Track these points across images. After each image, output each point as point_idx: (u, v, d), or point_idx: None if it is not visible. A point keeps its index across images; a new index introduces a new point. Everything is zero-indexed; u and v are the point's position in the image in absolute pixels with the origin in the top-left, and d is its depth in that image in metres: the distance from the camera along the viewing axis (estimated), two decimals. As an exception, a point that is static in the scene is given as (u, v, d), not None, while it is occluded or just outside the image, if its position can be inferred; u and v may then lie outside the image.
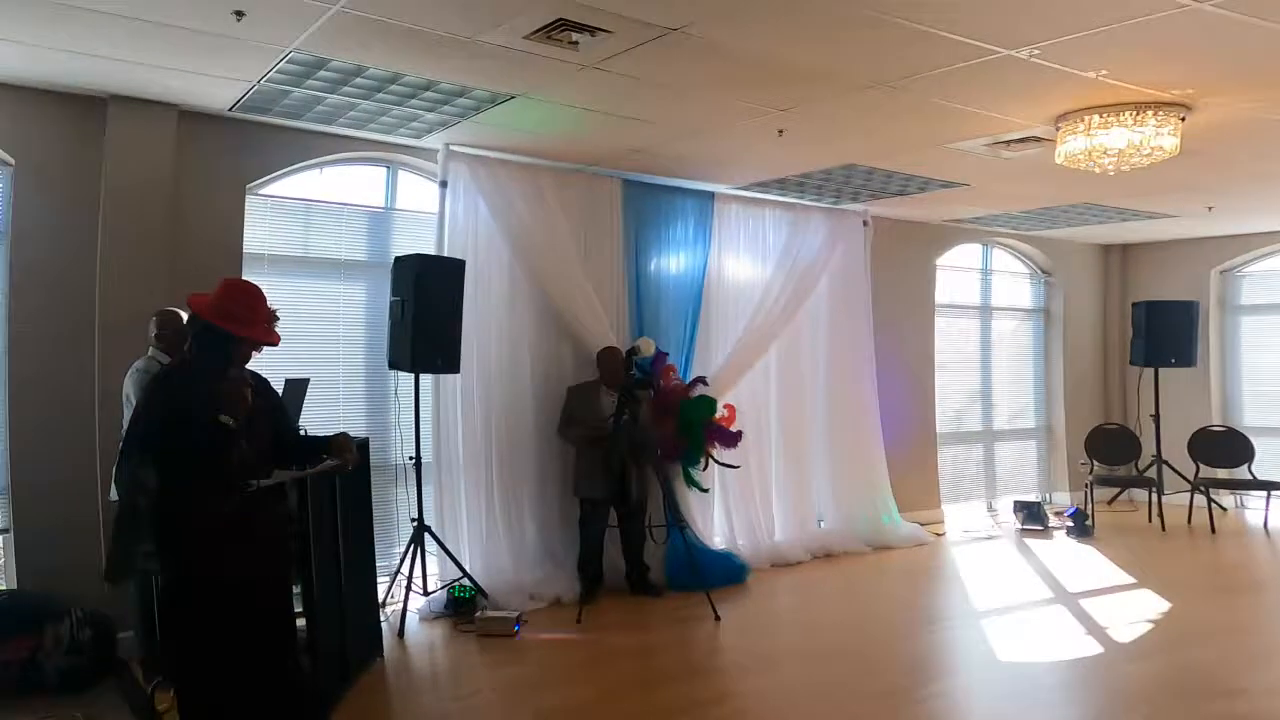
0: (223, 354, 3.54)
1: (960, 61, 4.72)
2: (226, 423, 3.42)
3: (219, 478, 3.42)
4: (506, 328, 6.72)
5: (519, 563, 6.59)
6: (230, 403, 3.45)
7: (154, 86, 5.22)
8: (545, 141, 6.39)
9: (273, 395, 3.83)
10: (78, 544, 4.92)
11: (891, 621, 6.36)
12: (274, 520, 3.66)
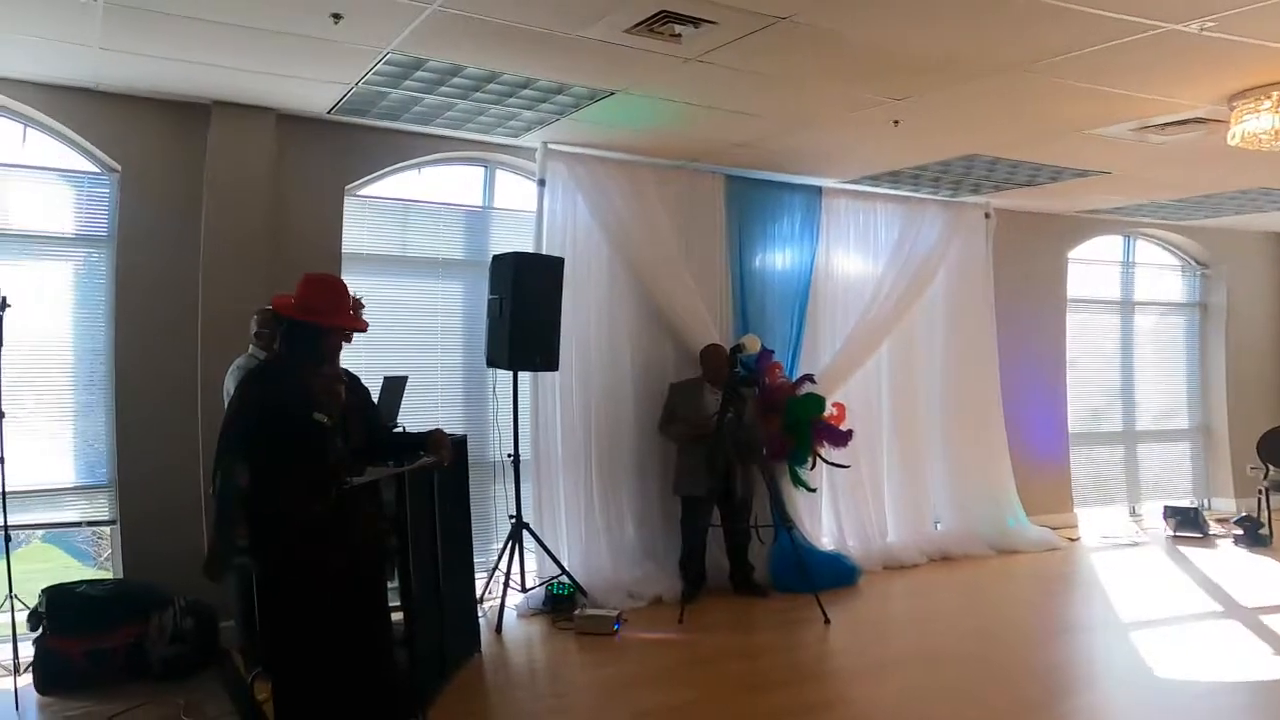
0: (313, 348, 3.52)
1: (1110, 40, 4.31)
2: (321, 420, 3.39)
3: (314, 475, 3.40)
4: (606, 325, 6.65)
5: (618, 561, 6.51)
6: (325, 399, 3.43)
7: (254, 92, 5.31)
8: (645, 138, 6.26)
9: (363, 391, 3.80)
10: (181, 535, 5.04)
11: (1020, 628, 5.98)
12: (369, 517, 3.63)
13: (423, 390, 6.17)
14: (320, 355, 3.53)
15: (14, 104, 5.01)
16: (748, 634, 5.83)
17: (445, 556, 4.85)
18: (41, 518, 5.28)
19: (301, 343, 3.55)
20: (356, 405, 3.66)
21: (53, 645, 4.55)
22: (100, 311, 5.26)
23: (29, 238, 5.11)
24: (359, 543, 3.54)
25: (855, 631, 5.86)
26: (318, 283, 3.62)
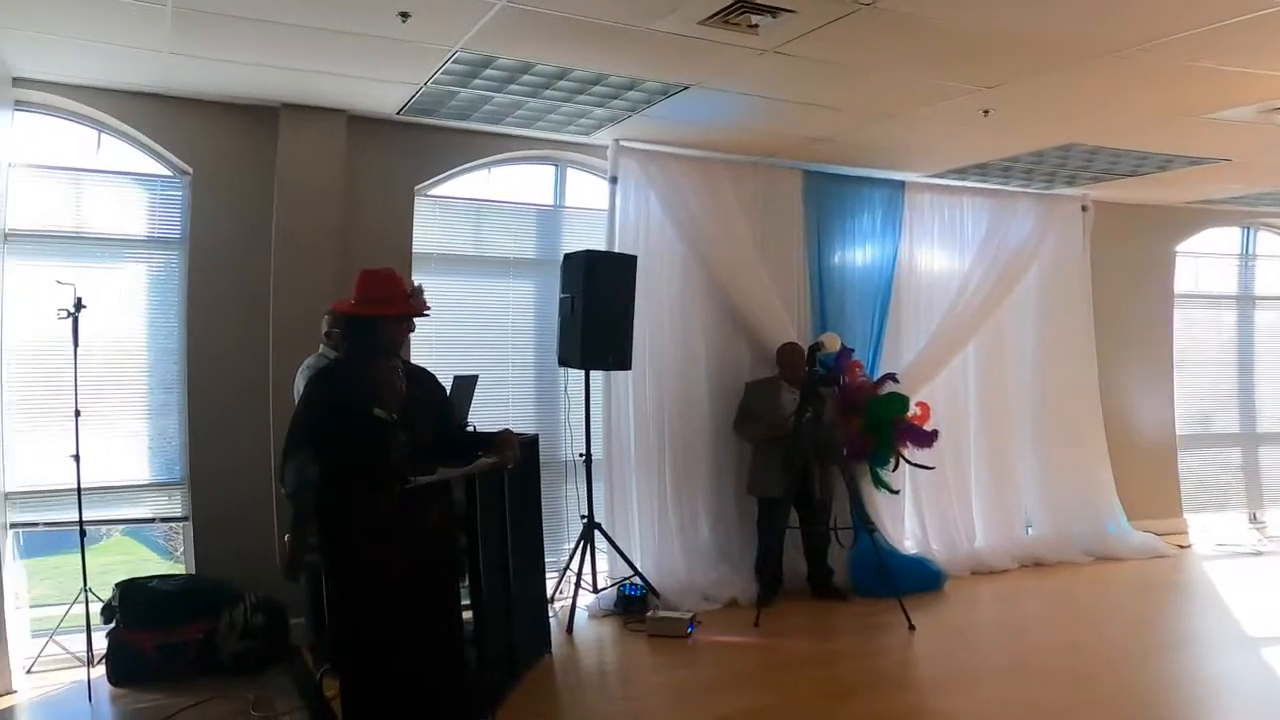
0: (372, 341, 3.48)
1: (1240, 14, 3.96)
2: (381, 415, 3.36)
3: (376, 471, 3.38)
4: (680, 323, 6.53)
5: (692, 562, 6.39)
6: (383, 394, 3.39)
7: (323, 93, 5.32)
8: (720, 133, 6.10)
9: (435, 389, 3.73)
10: (252, 532, 5.12)
11: (1122, 642, 5.60)
12: (436, 515, 3.57)
13: (494, 390, 6.14)
14: (379, 348, 3.48)
15: (88, 110, 5.11)
16: (827, 639, 5.64)
17: (515, 556, 4.79)
18: (117, 514, 5.36)
19: (361, 337, 3.52)
20: (425, 402, 3.60)
21: (125, 638, 4.63)
22: (173, 312, 5.34)
23: (104, 241, 5.21)
24: (424, 541, 3.49)
25: (940, 639, 5.60)
26: (370, 276, 3.59)
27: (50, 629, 4.76)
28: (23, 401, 4.93)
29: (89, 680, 4.47)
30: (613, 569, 6.13)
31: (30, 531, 4.98)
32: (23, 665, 4.62)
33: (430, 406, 3.65)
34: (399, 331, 3.54)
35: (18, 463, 4.88)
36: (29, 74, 4.88)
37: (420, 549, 3.48)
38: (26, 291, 4.83)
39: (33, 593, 5.33)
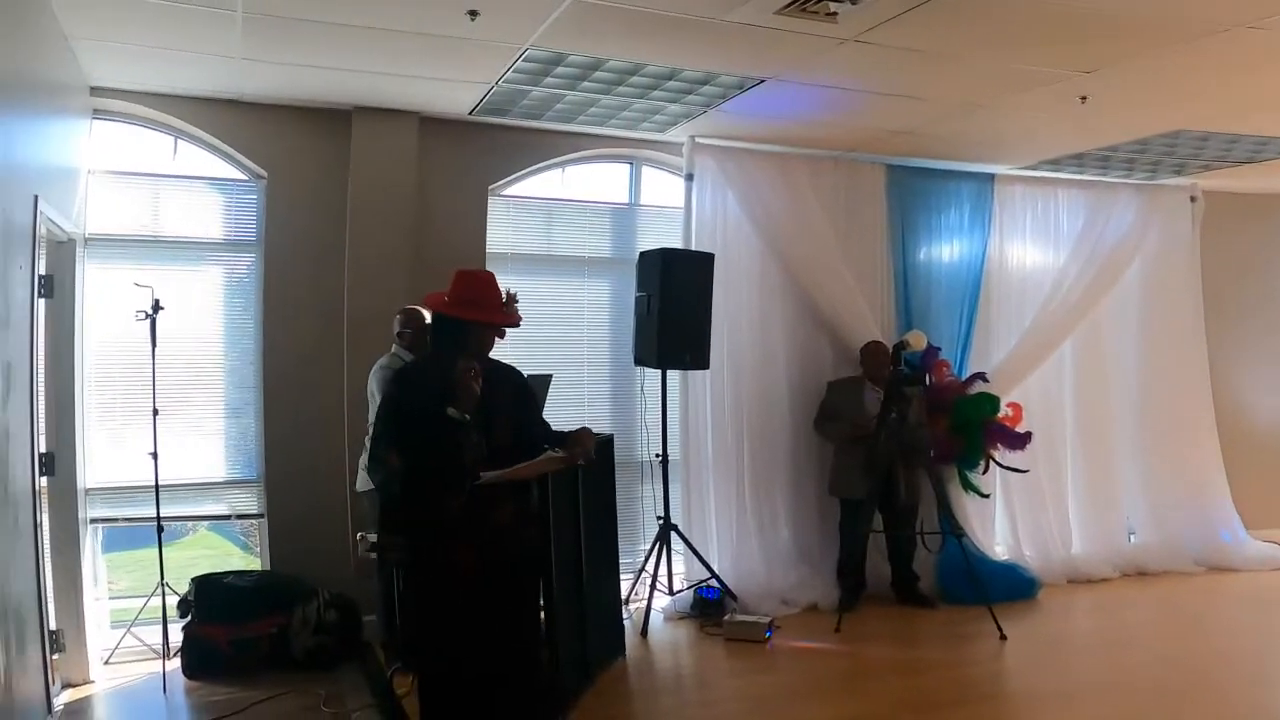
0: (460, 342, 3.41)
1: None
2: (454, 416, 3.31)
3: (449, 471, 3.32)
4: (758, 322, 6.33)
5: (771, 565, 6.18)
6: (458, 395, 3.33)
7: (395, 95, 5.29)
8: (799, 128, 5.88)
9: (518, 387, 3.64)
10: (326, 530, 5.13)
11: (1234, 659, 5.17)
12: (512, 514, 3.48)
13: (570, 389, 6.07)
14: (465, 349, 3.41)
15: (164, 117, 5.18)
16: (912, 647, 5.38)
17: (589, 557, 4.69)
18: (196, 510, 5.45)
19: (448, 337, 3.47)
20: (505, 401, 3.53)
21: (200, 632, 4.68)
22: (250, 313, 5.39)
23: (182, 244, 5.28)
24: (495, 541, 3.41)
25: (1034, 650, 5.27)
26: (467, 277, 3.54)
27: (132, 621, 4.83)
28: (103, 401, 5.00)
29: (164, 672, 4.55)
30: (689, 571, 5.98)
31: (113, 526, 5.05)
32: (101, 656, 4.71)
33: (513, 406, 3.57)
34: (488, 338, 3.48)
35: (99, 460, 4.95)
36: (106, 83, 4.96)
37: (491, 548, 3.41)
38: (106, 294, 4.91)
39: (118, 585, 5.48)
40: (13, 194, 3.51)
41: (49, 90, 4.20)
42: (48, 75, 4.14)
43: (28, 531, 3.68)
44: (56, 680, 4.33)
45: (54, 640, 4.32)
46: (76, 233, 4.57)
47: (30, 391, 3.72)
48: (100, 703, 4.42)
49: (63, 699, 4.33)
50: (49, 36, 4.07)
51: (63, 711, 4.22)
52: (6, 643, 3.32)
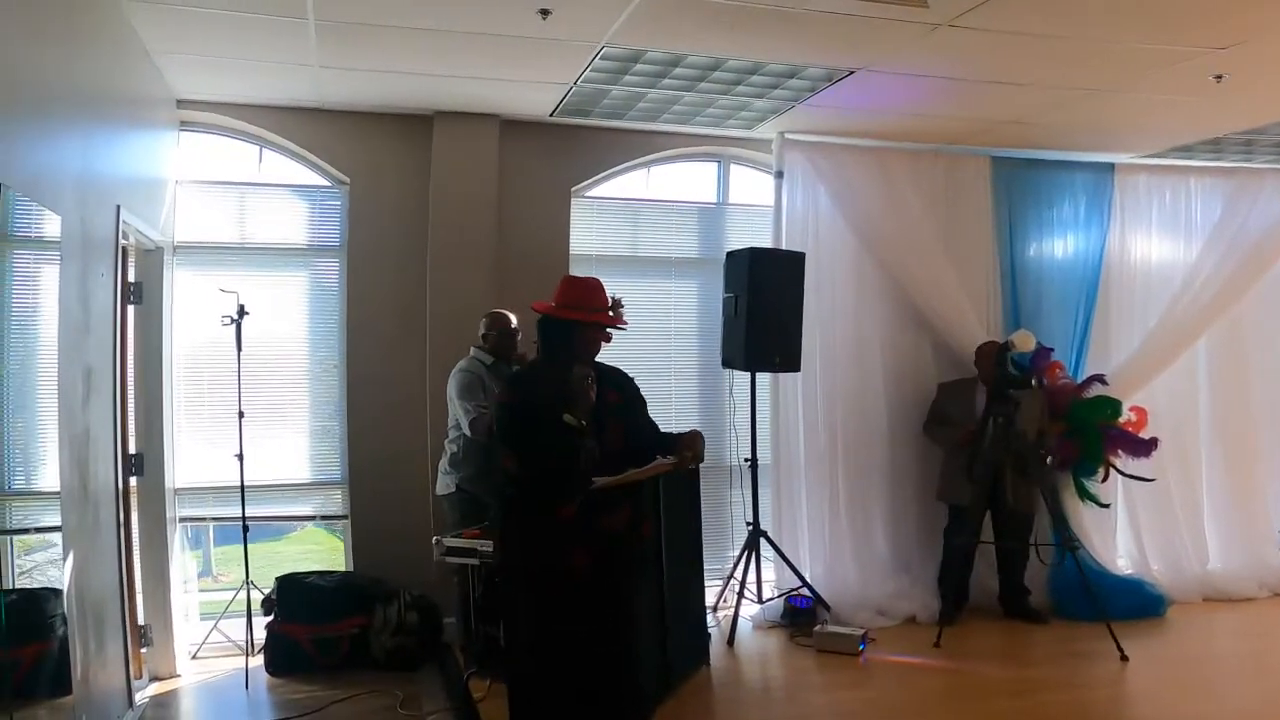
0: (568, 346, 3.40)
1: None
2: (571, 422, 3.27)
3: (562, 478, 3.28)
4: (853, 322, 6.01)
5: (866, 574, 5.85)
6: (575, 400, 3.30)
7: (475, 99, 5.21)
8: (894, 121, 5.55)
9: (626, 391, 3.60)
10: (408, 532, 5.09)
11: None
12: (626, 520, 3.43)
13: (656, 393, 5.72)
14: (574, 353, 3.39)
15: (249, 127, 5.24)
16: (1020, 665, 4.97)
17: (672, 563, 4.53)
18: (283, 511, 5.49)
19: (556, 341, 3.44)
20: (617, 405, 3.50)
21: (282, 630, 4.71)
22: (334, 318, 5.40)
23: (267, 250, 5.34)
24: (609, 546, 3.36)
25: (1160, 673, 4.81)
26: (573, 281, 3.53)
27: (219, 616, 4.92)
28: (191, 404, 5.08)
29: (246, 669, 4.57)
30: (779, 579, 5.72)
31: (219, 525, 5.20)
32: (189, 651, 4.79)
33: (625, 410, 3.53)
34: (595, 340, 3.45)
35: (188, 461, 5.04)
36: (192, 95, 5.06)
37: (600, 554, 3.34)
38: (195, 300, 4.99)
39: (227, 578, 5.61)
40: (94, 204, 3.58)
41: (132, 104, 4.28)
42: (130, 90, 4.22)
43: (110, 529, 3.75)
44: (144, 673, 4.44)
45: (143, 635, 4.43)
46: (164, 241, 4.67)
47: (114, 394, 3.79)
48: (185, 696, 4.49)
49: (149, 691, 4.41)
50: (130, 52, 4.15)
51: (149, 704, 4.29)
52: (85, 637, 3.38)
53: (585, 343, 3.43)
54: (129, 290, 4.36)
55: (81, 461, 3.46)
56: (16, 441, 3.27)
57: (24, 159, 2.96)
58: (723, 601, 5.67)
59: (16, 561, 3.44)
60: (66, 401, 3.31)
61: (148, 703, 4.29)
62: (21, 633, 3.26)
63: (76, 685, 3.26)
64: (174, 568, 4.70)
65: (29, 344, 3.31)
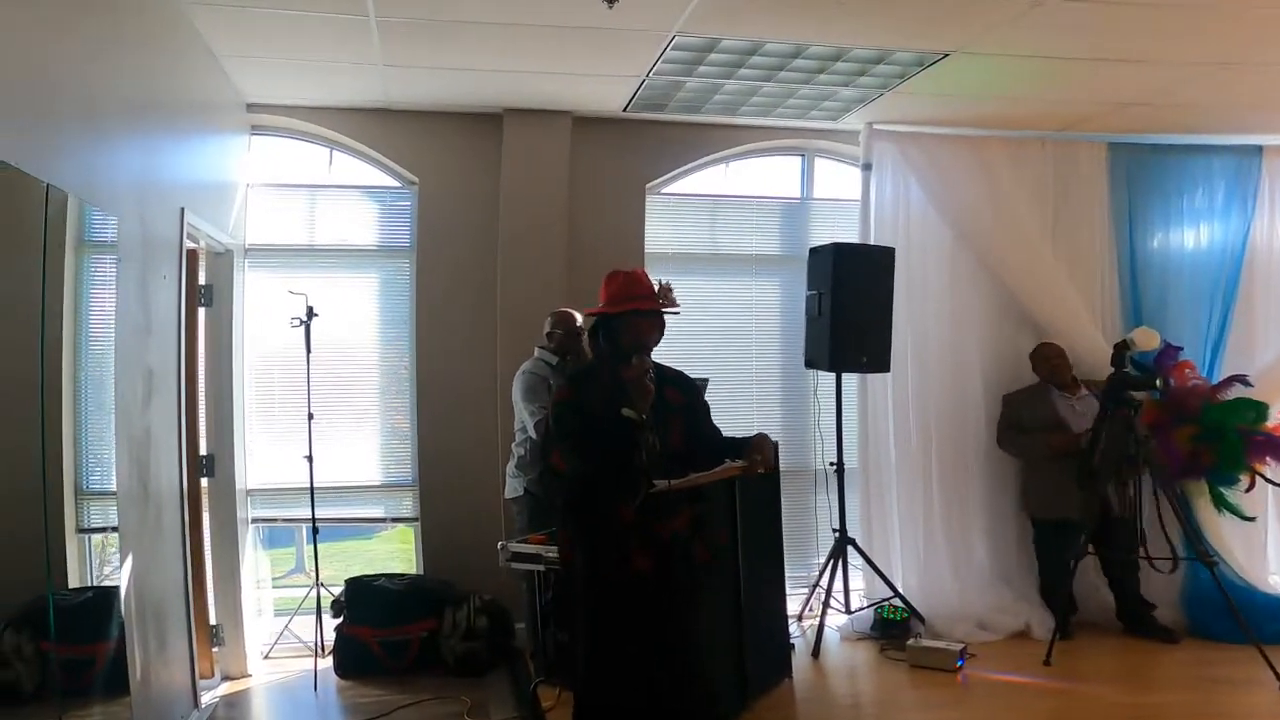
0: (620, 339, 3.21)
1: None
2: (630, 416, 3.08)
3: (624, 475, 3.09)
4: (948, 320, 5.57)
5: (964, 584, 5.41)
6: (633, 395, 3.10)
7: (546, 96, 5.02)
8: (995, 107, 5.10)
9: (687, 390, 3.40)
10: (479, 535, 4.92)
11: None
12: (688, 524, 3.22)
13: (736, 394, 5.60)
14: (628, 346, 3.19)
15: (318, 129, 5.16)
16: (1146, 689, 4.44)
17: (750, 571, 4.26)
18: (355, 512, 5.40)
19: (606, 338, 3.27)
20: (679, 405, 3.29)
21: (351, 633, 4.60)
22: (404, 319, 5.27)
23: (337, 252, 5.24)
24: (670, 550, 3.16)
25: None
26: (612, 276, 3.33)
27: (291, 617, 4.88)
28: (263, 405, 5.03)
29: (315, 670, 4.48)
30: (869, 588, 5.35)
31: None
32: (261, 650, 4.74)
33: (686, 410, 3.32)
34: (647, 329, 3.23)
35: (260, 462, 4.99)
36: (261, 99, 5.00)
37: (662, 558, 3.14)
38: (267, 302, 4.93)
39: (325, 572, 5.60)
40: (155, 207, 3.53)
41: (198, 108, 4.24)
42: (196, 94, 4.18)
43: (174, 530, 3.70)
44: (216, 673, 4.40)
45: (214, 634, 4.40)
46: (234, 244, 4.62)
47: (178, 396, 3.74)
48: (255, 697, 4.43)
49: (220, 691, 4.36)
50: (195, 56, 4.10)
51: (220, 704, 4.24)
52: (145, 638, 3.32)
53: (635, 332, 3.21)
54: (199, 293, 4.33)
55: (141, 462, 3.41)
56: (93, 442, 3.26)
57: (78, 162, 2.91)
58: (807, 610, 5.31)
59: (95, 560, 3.48)
60: (124, 403, 3.26)
61: (218, 702, 4.24)
62: (97, 630, 3.24)
63: (135, 686, 3.20)
64: (245, 568, 4.65)
65: (104, 347, 3.29)
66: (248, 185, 5.00)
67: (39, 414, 2.98)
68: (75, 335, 3.16)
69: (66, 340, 3.11)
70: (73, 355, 3.15)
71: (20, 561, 2.99)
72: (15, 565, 2.96)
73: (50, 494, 3.13)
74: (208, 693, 4.19)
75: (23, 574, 3.01)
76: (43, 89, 2.69)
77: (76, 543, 3.27)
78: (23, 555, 3.03)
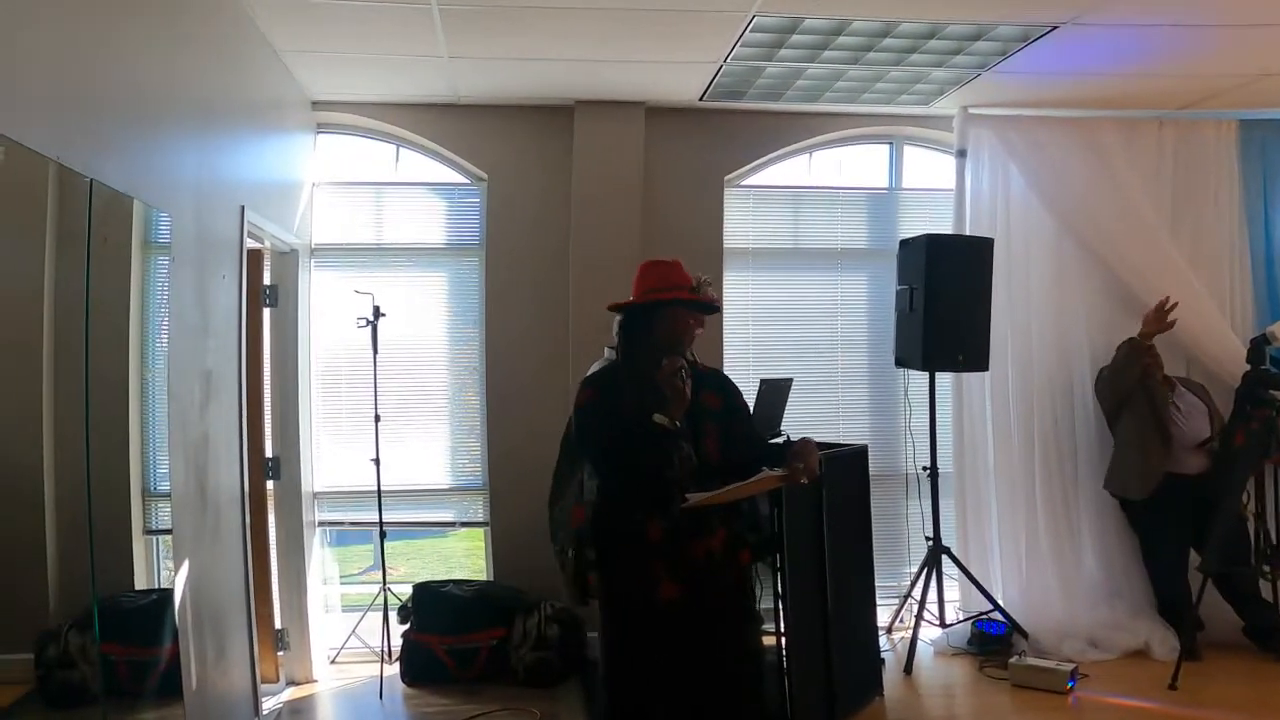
0: (651, 336, 2.85)
1: None
2: (661, 423, 2.72)
3: (654, 487, 2.74)
4: (1053, 316, 5.06)
5: (1074, 599, 4.89)
6: (665, 399, 2.74)
7: (619, 86, 4.69)
8: (1108, 84, 4.56)
9: (729, 394, 3.01)
10: (549, 541, 4.46)
11: None
12: (724, 542, 2.86)
13: (821, 395, 5.18)
14: (660, 343, 2.83)
15: (385, 126, 4.93)
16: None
17: (836, 583, 3.90)
18: (425, 515, 5.15)
19: (638, 333, 2.90)
20: (716, 411, 2.90)
21: (418, 639, 4.37)
22: (473, 318, 5.00)
23: (405, 250, 5.00)
24: (703, 572, 2.81)
25: None
26: (645, 266, 2.99)
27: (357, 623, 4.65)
28: (330, 407, 4.83)
29: (381, 677, 4.27)
30: (965, 600, 4.87)
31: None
32: (327, 655, 4.55)
33: (728, 415, 2.94)
34: (682, 325, 2.86)
35: (327, 464, 4.80)
36: (326, 96, 4.78)
37: (698, 581, 2.80)
38: (334, 302, 4.73)
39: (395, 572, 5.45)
40: (213, 206, 3.34)
41: (260, 106, 4.05)
42: (257, 91, 3.98)
43: (234, 534, 3.51)
44: (281, 677, 4.22)
45: (280, 639, 4.22)
46: (299, 243, 4.43)
47: (239, 398, 3.55)
48: (320, 702, 4.24)
49: (285, 696, 4.18)
50: (256, 53, 3.91)
51: (285, 709, 4.07)
52: (201, 643, 3.14)
53: (670, 327, 2.84)
54: (264, 293, 4.16)
55: (199, 465, 3.22)
56: (161, 444, 3.11)
57: (130, 160, 2.74)
58: (898, 622, 4.89)
59: (162, 562, 3.36)
60: (179, 405, 3.08)
61: (283, 708, 4.06)
62: (160, 633, 3.11)
63: (189, 693, 3.02)
64: (312, 571, 4.47)
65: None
66: (314, 184, 4.80)
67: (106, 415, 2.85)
68: (142, 337, 3.03)
69: (134, 342, 2.98)
70: (139, 357, 3.02)
71: (89, 564, 2.81)
72: (83, 566, 2.80)
73: (117, 495, 3.01)
74: (272, 698, 4.01)
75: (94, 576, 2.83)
76: (96, 87, 2.55)
77: (143, 544, 3.14)
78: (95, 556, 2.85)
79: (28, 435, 2.63)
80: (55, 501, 2.66)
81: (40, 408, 2.59)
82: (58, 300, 2.56)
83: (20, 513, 2.67)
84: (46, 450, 2.64)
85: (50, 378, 2.60)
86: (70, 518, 2.75)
